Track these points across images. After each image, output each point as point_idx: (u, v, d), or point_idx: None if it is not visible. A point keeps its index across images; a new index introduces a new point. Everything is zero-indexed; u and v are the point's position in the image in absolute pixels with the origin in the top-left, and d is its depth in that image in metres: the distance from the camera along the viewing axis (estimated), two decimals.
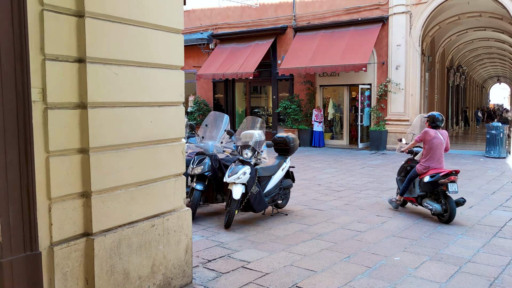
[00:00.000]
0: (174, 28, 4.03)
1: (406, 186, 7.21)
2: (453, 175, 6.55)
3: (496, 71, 44.11)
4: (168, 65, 4.02)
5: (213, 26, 20.55)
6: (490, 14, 17.41)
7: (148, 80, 3.80)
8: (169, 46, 4.01)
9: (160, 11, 3.87)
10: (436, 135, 6.87)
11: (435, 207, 6.68)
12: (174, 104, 4.10)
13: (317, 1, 17.68)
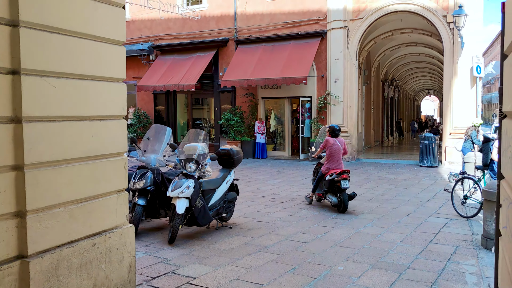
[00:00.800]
0: (115, 40, 3.93)
1: (316, 184, 8.79)
2: (344, 174, 8.17)
3: (427, 84, 46.67)
4: (109, 78, 3.90)
5: (154, 37, 20.28)
6: (420, 31, 18.44)
7: (88, 93, 3.67)
8: (110, 58, 3.90)
9: (101, 22, 3.76)
10: (335, 142, 8.53)
11: (333, 200, 8.29)
12: (116, 117, 3.98)
13: (258, 14, 17.94)
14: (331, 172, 8.37)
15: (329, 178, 8.30)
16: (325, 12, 16.61)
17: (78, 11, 3.54)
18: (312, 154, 9.45)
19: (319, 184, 8.74)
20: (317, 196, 9.02)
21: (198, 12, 18.66)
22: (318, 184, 8.75)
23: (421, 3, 15.16)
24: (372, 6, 15.90)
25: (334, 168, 8.43)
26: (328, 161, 8.51)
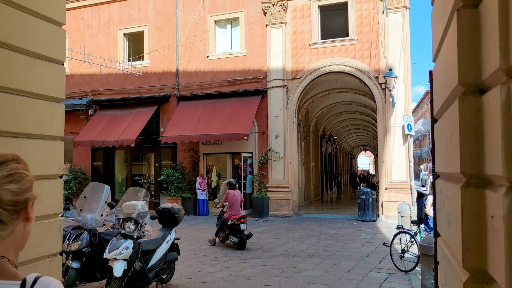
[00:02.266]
0: (54, 97, 3.82)
1: (219, 228, 10.78)
2: (243, 218, 10.29)
3: (362, 140, 48.78)
4: (46, 136, 3.75)
5: (93, 92, 19.97)
6: (355, 91, 19.47)
7: (22, 152, 3.47)
8: (47, 115, 3.77)
9: (39, 79, 3.65)
10: (234, 194, 10.79)
11: (234, 240, 10.29)
12: (52, 177, 3.79)
13: (200, 72, 18.25)
14: (232, 217, 10.43)
15: (231, 222, 10.33)
16: (266, 71, 17.20)
17: (14, 67, 3.42)
18: (217, 205, 11.58)
19: (222, 228, 10.77)
20: (221, 237, 10.84)
21: (139, 68, 18.70)
22: (221, 228, 10.78)
23: (354, 65, 16.10)
24: (309, 67, 16.68)
25: (234, 214, 10.53)
26: (230, 209, 10.68)
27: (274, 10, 16.96)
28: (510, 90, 1.37)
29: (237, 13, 17.78)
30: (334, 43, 16.45)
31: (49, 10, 3.76)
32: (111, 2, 19.89)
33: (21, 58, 3.49)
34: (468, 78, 1.70)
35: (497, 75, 1.48)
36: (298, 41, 16.90)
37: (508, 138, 1.39)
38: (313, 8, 16.68)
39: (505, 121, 1.39)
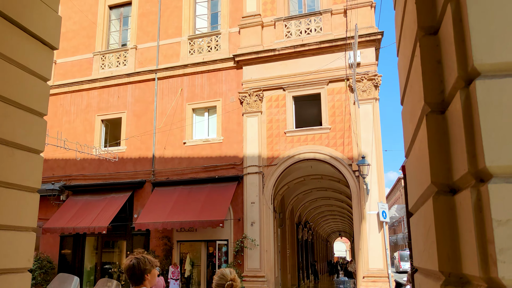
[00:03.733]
0: (29, 186, 3.77)
1: None
2: None
3: (338, 227, 48.59)
4: (17, 227, 3.64)
5: (67, 177, 19.69)
6: (330, 177, 19.76)
7: None
8: (21, 205, 3.69)
9: (15, 169, 3.63)
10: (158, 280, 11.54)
11: None
12: (20, 270, 3.63)
13: (176, 158, 18.35)
14: None
15: None
16: (242, 158, 17.43)
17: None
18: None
19: None
20: None
21: (115, 154, 18.71)
22: None
23: (329, 152, 16.51)
24: (285, 154, 17.00)
25: None
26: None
27: (250, 100, 17.59)
28: (480, 193, 1.45)
29: (214, 101, 18.35)
30: (308, 131, 16.97)
31: (32, 102, 3.83)
32: (90, 89, 20.34)
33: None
34: (440, 178, 1.79)
35: (466, 178, 1.56)
36: (274, 129, 17.38)
37: (482, 240, 1.44)
38: (287, 98, 17.38)
39: (478, 223, 1.44)
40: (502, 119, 1.45)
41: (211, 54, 18.86)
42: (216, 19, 19.78)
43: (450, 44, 1.70)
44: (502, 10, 1.52)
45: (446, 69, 1.80)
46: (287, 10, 18.26)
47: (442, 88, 1.85)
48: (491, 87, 1.47)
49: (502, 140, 1.41)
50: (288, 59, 17.45)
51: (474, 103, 1.49)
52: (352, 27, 15.49)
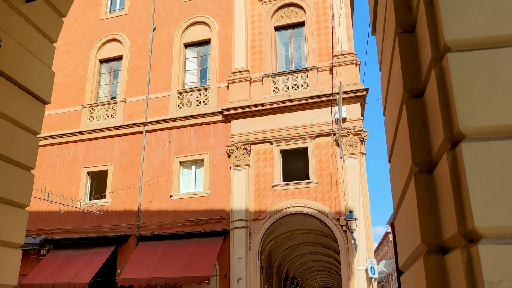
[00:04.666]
0: (12, 242, 3.69)
1: None
2: None
3: (326, 282, 47.55)
4: None
5: (49, 231, 19.21)
6: (317, 232, 19.57)
7: None
8: (3, 262, 3.59)
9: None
10: None
11: None
12: None
13: (162, 211, 18.10)
14: None
15: None
16: (229, 212, 17.26)
17: None
18: None
19: None
20: None
21: (100, 207, 18.40)
22: None
23: (316, 207, 16.46)
24: (272, 208, 16.89)
25: None
26: None
27: (238, 153, 17.67)
28: (471, 254, 1.46)
29: (202, 155, 18.38)
30: (296, 185, 16.97)
31: (21, 156, 3.82)
32: (77, 141, 20.30)
33: None
34: (430, 238, 1.80)
35: (456, 238, 1.58)
36: (261, 182, 17.36)
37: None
38: (275, 152, 17.51)
39: (470, 284, 1.45)
40: (488, 181, 1.49)
41: (199, 108, 19.11)
42: (205, 74, 20.20)
43: (435, 107, 1.77)
44: (484, 76, 1.60)
45: (432, 130, 1.86)
46: (274, 67, 18.77)
47: (429, 149, 1.91)
48: (476, 150, 1.52)
49: (489, 202, 1.44)
50: (276, 114, 17.74)
51: (461, 165, 1.54)
52: (338, 84, 15.92)
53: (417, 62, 2.01)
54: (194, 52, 20.62)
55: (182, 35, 20.45)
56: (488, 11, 1.68)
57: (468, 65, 1.60)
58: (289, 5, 19.35)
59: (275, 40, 19.24)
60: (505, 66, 1.59)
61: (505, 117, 1.52)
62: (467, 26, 1.66)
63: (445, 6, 1.70)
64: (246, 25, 19.47)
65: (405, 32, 2.08)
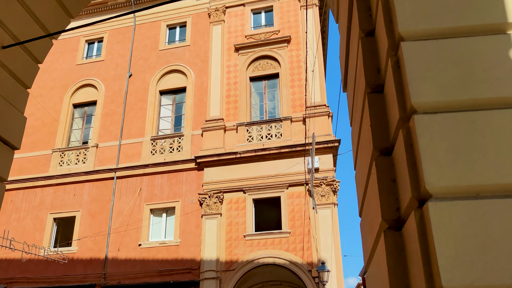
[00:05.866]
0: None
1: None
2: None
3: None
4: None
5: (8, 280, 18.25)
6: (289, 284, 19.19)
7: None
8: None
9: None
10: None
11: None
12: None
13: (130, 260, 17.53)
14: None
15: None
16: (199, 262, 16.85)
17: None
18: None
19: None
20: None
21: (65, 255, 17.69)
22: None
23: (288, 257, 16.25)
24: (243, 259, 16.59)
25: None
26: None
27: (210, 202, 17.50)
28: None
29: (173, 202, 18.11)
30: (268, 235, 16.80)
31: None
32: (45, 186, 19.76)
33: None
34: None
35: None
36: (233, 232, 17.13)
37: None
38: (247, 201, 17.41)
39: None
40: (454, 240, 1.53)
41: (173, 155, 19.02)
42: (180, 121, 20.27)
43: (403, 166, 1.82)
44: (448, 138, 1.67)
45: (400, 188, 1.91)
46: (249, 116, 19.01)
47: (398, 206, 1.95)
48: (442, 209, 1.57)
49: (455, 262, 1.47)
50: (249, 163, 17.79)
51: (428, 223, 1.57)
52: (311, 135, 16.19)
53: (385, 121, 2.09)
54: (169, 99, 20.77)
55: (158, 82, 20.64)
56: (452, 77, 1.78)
57: (434, 127, 1.68)
58: (265, 57, 19.90)
59: (250, 90, 19.61)
60: (468, 129, 1.67)
61: (468, 178, 1.58)
62: (433, 90, 1.76)
63: (411, 70, 1.80)
64: (222, 74, 19.85)
65: (374, 92, 2.18)
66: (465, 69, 1.78)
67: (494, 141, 1.62)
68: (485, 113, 1.67)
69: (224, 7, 21.09)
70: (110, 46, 22.19)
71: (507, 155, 1.60)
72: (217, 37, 20.60)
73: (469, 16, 1.86)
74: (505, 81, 1.73)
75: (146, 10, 20.73)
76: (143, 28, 22.01)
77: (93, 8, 22.68)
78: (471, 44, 1.82)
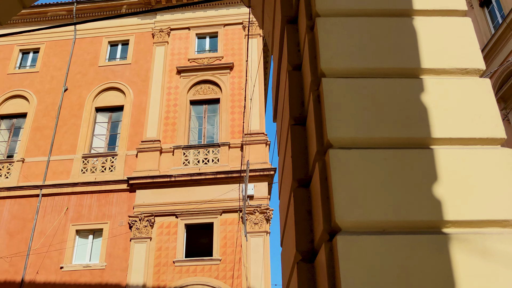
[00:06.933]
0: None
1: None
2: None
3: None
4: None
5: None
6: None
7: None
8: None
9: None
10: None
11: None
12: None
13: (49, 284, 16.49)
14: None
15: None
16: (124, 287, 16.17)
17: None
18: None
19: None
20: None
21: None
22: None
23: (218, 285, 15.97)
24: (171, 285, 16.07)
25: None
26: None
27: (140, 225, 16.96)
28: None
29: (101, 224, 17.38)
30: (199, 262, 16.49)
31: None
32: None
33: None
34: None
35: None
36: (162, 257, 16.65)
37: None
38: (179, 226, 17.05)
39: None
40: (361, 274, 1.56)
41: (104, 175, 18.35)
42: (114, 140, 19.68)
43: (318, 198, 1.86)
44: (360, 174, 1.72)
45: (315, 220, 1.94)
46: (187, 139, 18.83)
47: (312, 238, 1.97)
48: (350, 243, 1.60)
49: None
50: (184, 187, 17.50)
51: (336, 257, 1.60)
52: (248, 161, 16.27)
53: (306, 154, 2.13)
54: (105, 117, 20.16)
55: (95, 98, 20.03)
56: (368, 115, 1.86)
57: (348, 162, 1.73)
58: (207, 81, 19.94)
59: (190, 113, 19.49)
60: (380, 166, 1.74)
61: (376, 214, 1.64)
62: (349, 126, 1.82)
63: (330, 106, 1.86)
64: (162, 96, 19.61)
65: (298, 125, 2.23)
66: (380, 108, 1.86)
67: (402, 180, 1.70)
68: (396, 151, 1.75)
69: (169, 29, 21.03)
70: (47, 58, 21.34)
71: (413, 193, 1.68)
72: (160, 58, 20.44)
73: (387, 59, 1.96)
74: (415, 122, 1.83)
75: (88, 24, 20.28)
76: (83, 43, 21.42)
77: (31, 17, 21.83)
78: (387, 85, 1.91)
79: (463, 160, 1.76)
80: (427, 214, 1.65)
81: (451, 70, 1.96)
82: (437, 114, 1.85)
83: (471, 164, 1.76)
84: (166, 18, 21.29)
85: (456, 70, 1.96)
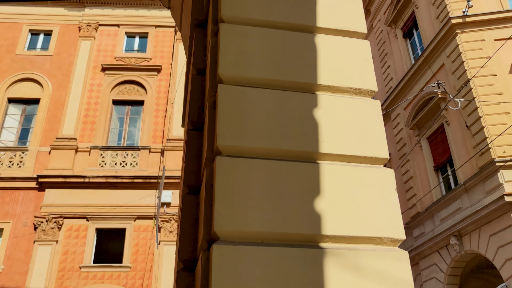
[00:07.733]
0: None
1: None
2: None
3: None
4: None
5: None
6: None
7: None
8: None
9: None
10: None
11: None
12: None
13: None
14: None
15: None
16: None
17: None
18: None
19: None
20: None
21: None
22: None
23: None
24: None
25: None
26: None
27: (46, 226, 15.99)
28: None
29: (3, 223, 16.16)
30: (107, 268, 15.82)
31: None
32: None
33: None
34: None
35: None
36: (68, 262, 15.77)
37: None
38: (90, 229, 16.29)
39: None
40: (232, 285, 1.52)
41: (11, 170, 17.12)
42: (26, 135, 18.47)
43: (203, 206, 1.81)
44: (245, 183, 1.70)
45: (199, 228, 1.89)
46: (105, 140, 18.11)
47: (196, 246, 1.92)
48: (226, 253, 1.56)
49: None
50: (98, 189, 16.78)
51: (210, 266, 1.56)
52: (168, 167, 15.97)
53: (200, 160, 2.08)
54: (18, 109, 18.90)
55: (8, 88, 18.72)
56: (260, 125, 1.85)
57: (233, 171, 1.70)
58: (132, 82, 19.38)
59: (111, 113, 18.80)
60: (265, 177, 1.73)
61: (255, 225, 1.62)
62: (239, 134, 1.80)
63: (222, 113, 1.83)
64: (83, 92, 18.77)
65: (194, 130, 2.18)
66: (273, 119, 1.86)
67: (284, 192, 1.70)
68: (281, 163, 1.76)
69: (97, 24, 20.25)
70: None
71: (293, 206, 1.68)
72: (85, 53, 19.58)
73: (285, 72, 1.98)
74: (305, 136, 1.85)
75: (8, 8, 19.05)
76: (0, 27, 20.01)
77: None
78: (283, 97, 1.92)
79: (347, 176, 1.80)
80: (306, 228, 1.66)
81: (346, 89, 2.02)
82: (328, 130, 1.88)
83: (354, 181, 1.80)
84: (95, 12, 20.50)
85: (350, 89, 2.02)
